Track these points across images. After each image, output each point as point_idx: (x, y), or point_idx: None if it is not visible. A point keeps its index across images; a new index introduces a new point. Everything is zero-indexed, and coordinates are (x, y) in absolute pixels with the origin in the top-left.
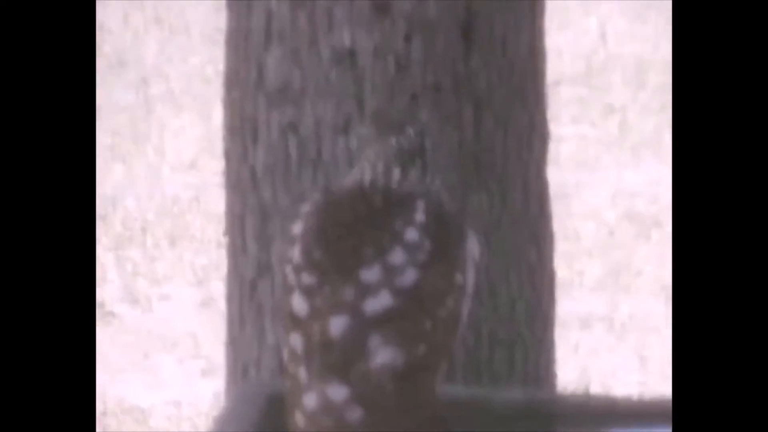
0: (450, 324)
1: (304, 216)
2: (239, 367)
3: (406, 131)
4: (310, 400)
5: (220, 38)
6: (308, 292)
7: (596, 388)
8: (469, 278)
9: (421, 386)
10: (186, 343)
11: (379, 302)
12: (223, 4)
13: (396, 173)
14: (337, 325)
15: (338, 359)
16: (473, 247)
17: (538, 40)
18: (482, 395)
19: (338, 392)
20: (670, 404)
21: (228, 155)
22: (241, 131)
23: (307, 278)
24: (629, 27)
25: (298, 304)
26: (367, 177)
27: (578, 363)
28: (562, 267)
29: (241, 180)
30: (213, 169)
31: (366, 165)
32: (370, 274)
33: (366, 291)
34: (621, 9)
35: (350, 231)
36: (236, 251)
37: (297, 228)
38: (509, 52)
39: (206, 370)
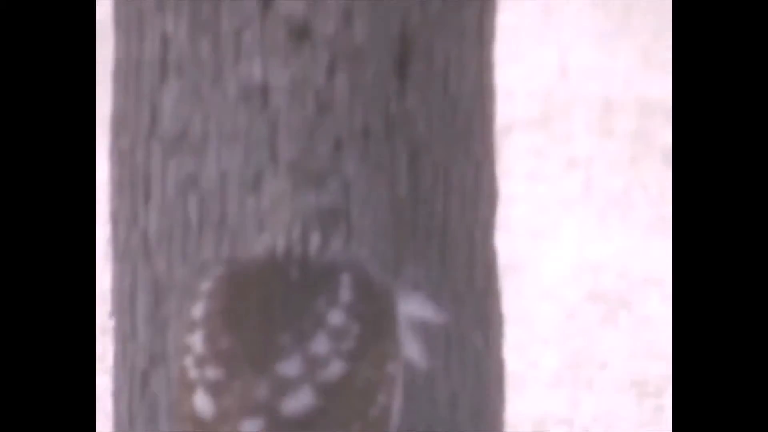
0: (381, 424)
1: (206, 295)
2: None
3: (327, 186)
4: None
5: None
6: (214, 390)
7: None
8: (412, 354)
9: None
10: None
11: (299, 401)
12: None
13: (315, 239)
14: (251, 429)
15: None
16: (424, 311)
17: (486, 75)
18: None
19: None
20: None
21: (115, 218)
22: (130, 188)
23: (213, 372)
24: (595, 60)
25: (202, 403)
26: (281, 244)
27: None
28: (512, 356)
29: (131, 248)
30: (99, 235)
31: (280, 229)
32: (289, 366)
33: (284, 388)
34: (585, 39)
35: (263, 313)
36: (125, 337)
37: (198, 310)
38: (452, 90)
39: None
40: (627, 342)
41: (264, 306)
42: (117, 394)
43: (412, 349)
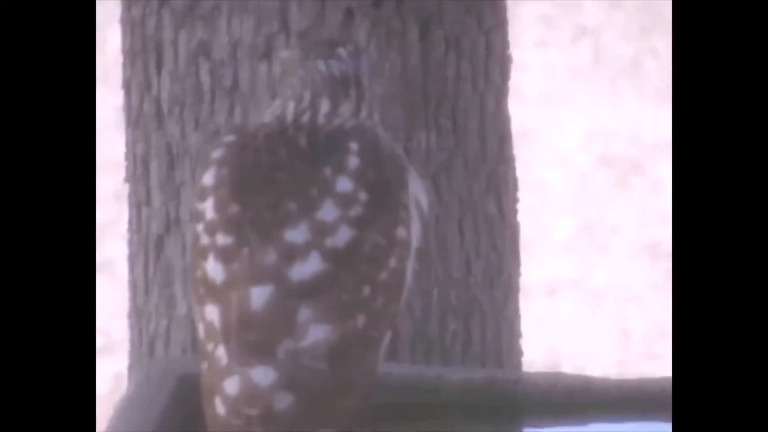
0: (392, 289)
1: (217, 162)
2: (144, 343)
3: (338, 54)
4: (231, 385)
5: None
6: (224, 256)
7: (567, 368)
8: (414, 233)
9: (360, 365)
10: None
11: (307, 268)
12: None
13: (325, 106)
14: (260, 295)
15: (262, 337)
16: (419, 194)
17: None
18: (432, 375)
19: (264, 376)
20: (650, 387)
21: (128, 86)
22: (142, 57)
23: (223, 239)
24: None
25: (213, 269)
26: (290, 111)
27: (546, 337)
28: (526, 222)
29: (144, 116)
30: (110, 103)
31: (289, 96)
32: (296, 233)
33: (292, 254)
34: None
35: (270, 181)
36: (139, 202)
37: (209, 178)
38: None
39: (104, 346)
40: (639, 206)
41: (271, 173)
42: (132, 260)
43: (412, 222)
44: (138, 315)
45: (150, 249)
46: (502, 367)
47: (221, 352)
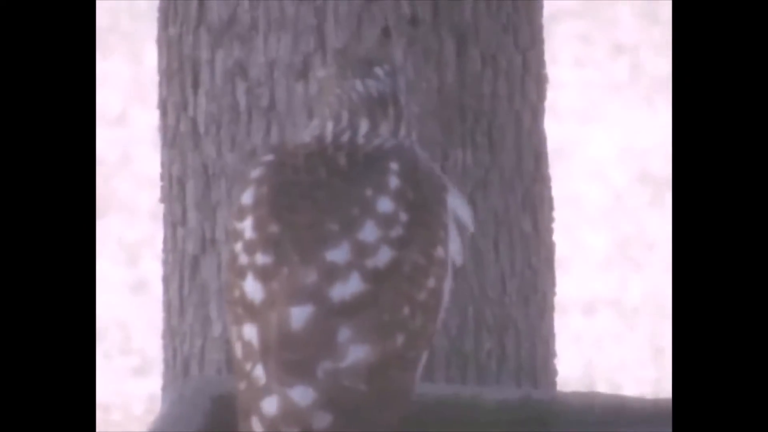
0: (431, 309)
1: (256, 181)
2: (179, 363)
3: (375, 73)
4: (269, 405)
5: None
6: (263, 275)
7: (602, 386)
8: (454, 251)
9: (398, 385)
10: (114, 335)
11: (348, 288)
12: None
13: (364, 125)
14: (299, 315)
15: (302, 356)
16: (461, 211)
17: None
18: (468, 394)
19: (303, 395)
20: None
21: (164, 105)
22: (179, 76)
23: (262, 258)
24: None
25: (252, 289)
26: (329, 131)
27: (581, 355)
28: (561, 239)
29: (180, 135)
30: (146, 122)
31: (327, 115)
32: (337, 253)
33: (332, 274)
34: None
35: (310, 200)
36: (174, 222)
37: (248, 197)
38: None
39: (139, 367)
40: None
41: (311, 193)
42: (167, 280)
43: (452, 241)
44: (172, 335)
45: (185, 269)
46: (536, 385)
47: (259, 372)
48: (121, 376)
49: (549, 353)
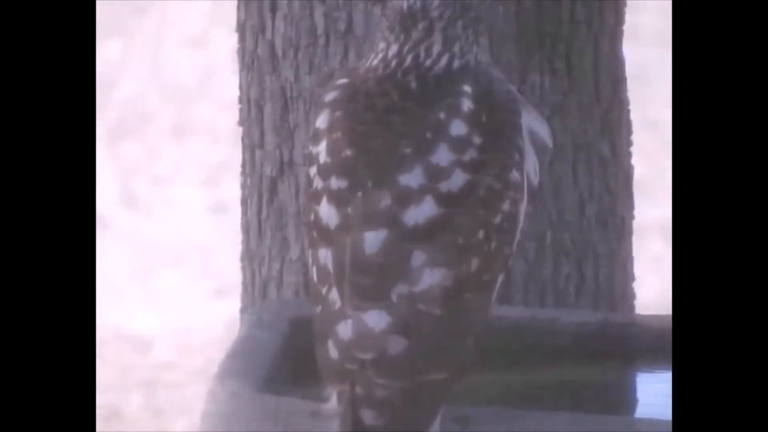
0: (506, 233)
1: (330, 105)
2: (257, 286)
3: None
4: (344, 330)
5: None
6: (338, 199)
7: None
8: (530, 172)
9: (473, 309)
10: (194, 258)
11: (422, 212)
12: None
13: (437, 47)
14: (373, 240)
15: (376, 281)
16: (537, 128)
17: None
18: (546, 317)
19: (378, 320)
20: None
21: (242, 29)
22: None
23: (336, 182)
24: None
25: (327, 213)
26: (394, 53)
27: (660, 280)
28: (640, 163)
29: (258, 59)
30: (225, 45)
31: (390, 38)
32: (411, 177)
33: (406, 198)
34: None
35: (384, 124)
36: (252, 145)
37: (322, 121)
38: None
39: (218, 290)
40: None
41: (385, 117)
42: (245, 202)
43: (528, 162)
44: (251, 258)
45: (263, 192)
46: (615, 310)
47: (335, 296)
48: (200, 300)
49: (627, 277)
